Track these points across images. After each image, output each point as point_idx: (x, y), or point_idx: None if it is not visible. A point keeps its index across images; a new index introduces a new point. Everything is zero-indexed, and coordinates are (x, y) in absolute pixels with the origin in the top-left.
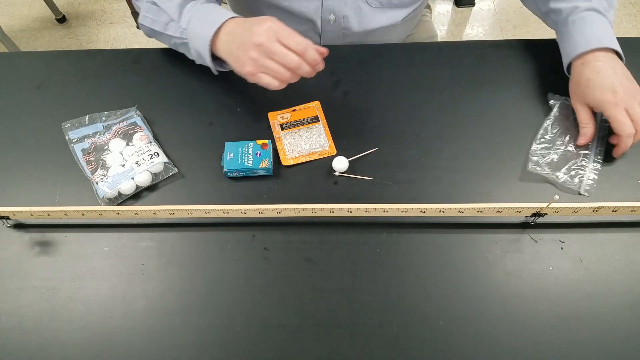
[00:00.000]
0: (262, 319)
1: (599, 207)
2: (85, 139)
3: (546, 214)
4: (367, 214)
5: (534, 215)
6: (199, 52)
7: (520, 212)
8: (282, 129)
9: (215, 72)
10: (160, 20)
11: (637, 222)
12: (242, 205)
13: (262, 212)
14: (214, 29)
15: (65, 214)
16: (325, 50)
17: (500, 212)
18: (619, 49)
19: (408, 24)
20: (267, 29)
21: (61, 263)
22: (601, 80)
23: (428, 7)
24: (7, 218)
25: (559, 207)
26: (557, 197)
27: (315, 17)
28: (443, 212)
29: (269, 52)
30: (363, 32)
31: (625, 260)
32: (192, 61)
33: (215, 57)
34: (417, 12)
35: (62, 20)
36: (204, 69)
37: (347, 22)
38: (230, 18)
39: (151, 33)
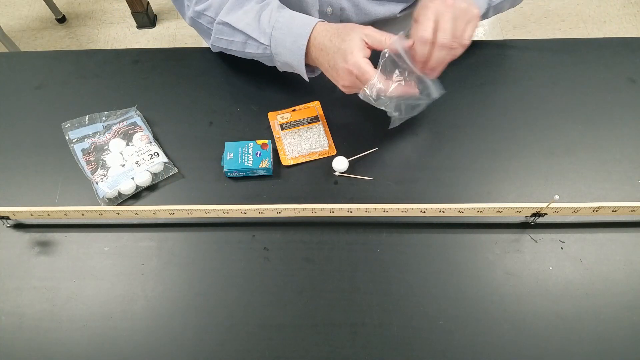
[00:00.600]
0: (262, 318)
1: (599, 207)
2: (85, 139)
3: (546, 214)
4: (367, 214)
5: (534, 215)
6: (290, 65)
7: (520, 212)
8: (282, 129)
9: (307, 80)
10: (237, 41)
11: (637, 222)
12: (242, 205)
13: (262, 212)
14: (304, 42)
15: (65, 214)
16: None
17: (500, 212)
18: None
19: (406, 20)
20: (348, 73)
21: (61, 263)
22: None
23: None
24: (7, 218)
25: (559, 207)
26: (557, 197)
27: (313, 10)
28: (443, 212)
29: (356, 87)
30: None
31: (625, 260)
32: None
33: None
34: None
35: (62, 20)
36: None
37: (345, 15)
38: (314, 29)
39: (224, 51)
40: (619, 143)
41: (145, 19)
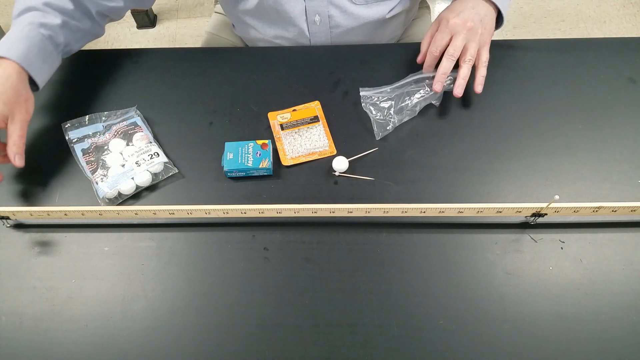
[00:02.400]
0: (262, 318)
1: (599, 207)
2: (85, 139)
3: (546, 214)
4: (367, 214)
5: (534, 215)
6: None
7: (520, 212)
8: (282, 129)
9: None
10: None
11: (637, 222)
12: (242, 205)
13: (262, 212)
14: None
15: (65, 214)
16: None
17: (500, 212)
18: (503, 11)
19: (398, 20)
20: None
21: (61, 263)
22: (460, 6)
23: (427, 7)
24: (7, 218)
25: (559, 207)
26: (557, 197)
27: (301, 20)
28: (443, 212)
29: None
30: (350, 29)
31: (625, 260)
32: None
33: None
34: (409, 7)
35: None
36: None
37: (333, 21)
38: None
39: None
40: (619, 143)
41: (145, 19)
